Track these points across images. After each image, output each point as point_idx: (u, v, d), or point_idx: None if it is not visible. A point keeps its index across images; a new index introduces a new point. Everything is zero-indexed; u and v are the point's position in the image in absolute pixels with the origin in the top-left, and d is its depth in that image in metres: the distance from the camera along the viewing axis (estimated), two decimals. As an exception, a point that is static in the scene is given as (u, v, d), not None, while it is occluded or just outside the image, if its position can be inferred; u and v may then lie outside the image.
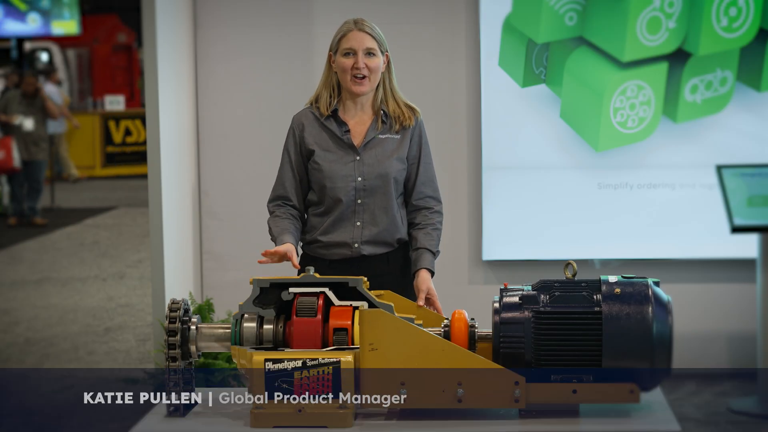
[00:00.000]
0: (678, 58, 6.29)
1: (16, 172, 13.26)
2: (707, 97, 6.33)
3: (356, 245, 3.95)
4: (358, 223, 3.96)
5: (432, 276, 3.93)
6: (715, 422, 5.79)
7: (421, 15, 6.36)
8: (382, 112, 4.01)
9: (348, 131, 3.99)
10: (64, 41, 23.91)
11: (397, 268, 4.01)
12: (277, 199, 4.06)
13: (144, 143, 14.92)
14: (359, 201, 3.96)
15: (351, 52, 3.94)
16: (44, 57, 22.89)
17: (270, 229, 4.00)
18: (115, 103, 19.16)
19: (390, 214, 3.97)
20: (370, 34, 3.96)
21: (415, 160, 4.04)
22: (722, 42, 6.26)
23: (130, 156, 18.92)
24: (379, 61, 3.96)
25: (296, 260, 3.80)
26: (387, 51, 4.00)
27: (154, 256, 5.84)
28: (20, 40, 22.20)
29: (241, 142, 6.52)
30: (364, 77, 3.93)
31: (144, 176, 7.20)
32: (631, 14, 6.20)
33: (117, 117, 18.97)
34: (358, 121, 4.02)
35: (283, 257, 3.76)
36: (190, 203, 6.40)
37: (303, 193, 4.05)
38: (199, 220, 6.54)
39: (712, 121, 6.35)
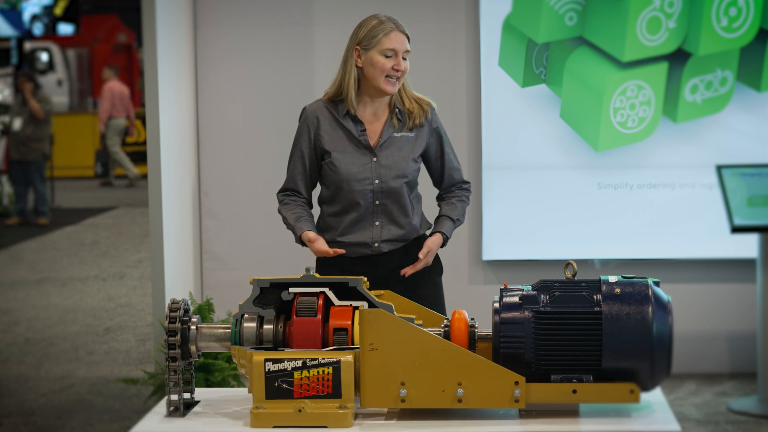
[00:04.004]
0: (678, 58, 6.29)
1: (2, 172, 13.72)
2: (707, 97, 6.33)
3: (376, 245, 3.98)
4: (377, 223, 3.98)
5: (445, 241, 4.02)
6: (715, 422, 5.79)
7: (421, 14, 6.36)
8: (396, 109, 4.01)
9: (364, 131, 3.99)
10: (64, 41, 23.92)
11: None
12: (287, 190, 4.12)
13: (144, 143, 14.91)
14: (377, 202, 3.97)
15: (392, 54, 3.93)
16: (44, 57, 22.91)
17: (283, 217, 4.07)
18: (116, 103, 19.14)
19: (407, 213, 4.00)
20: (407, 36, 3.98)
21: (438, 154, 4.08)
22: (722, 42, 6.27)
23: (130, 156, 18.91)
24: (408, 63, 3.97)
25: (322, 244, 3.92)
26: None
27: (154, 256, 5.84)
28: (20, 39, 22.21)
29: (241, 142, 6.52)
30: (397, 79, 3.94)
31: (144, 176, 7.20)
32: (631, 14, 6.21)
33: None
34: (374, 120, 4.02)
35: (323, 252, 3.90)
36: (190, 203, 6.40)
37: (312, 185, 4.11)
38: (199, 220, 6.54)
39: (712, 121, 6.36)
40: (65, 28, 27.16)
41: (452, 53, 6.40)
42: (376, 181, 3.97)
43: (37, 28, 26.97)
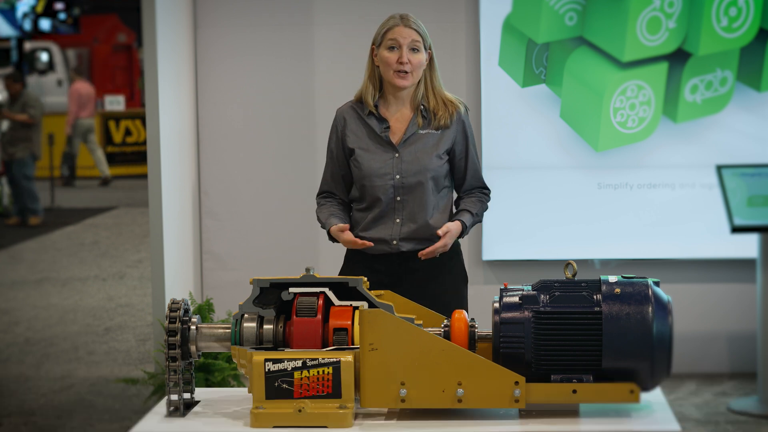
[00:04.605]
0: (678, 58, 6.29)
1: None
2: (707, 97, 6.33)
3: (395, 242, 3.99)
4: (398, 220, 3.99)
5: (463, 232, 4.00)
6: (715, 422, 5.79)
7: (421, 14, 6.30)
8: (422, 107, 4.01)
9: (388, 128, 4.01)
10: (64, 41, 23.91)
11: (438, 263, 4.03)
12: (323, 193, 4.15)
13: (144, 143, 14.88)
14: (398, 198, 3.98)
15: (395, 46, 3.95)
16: (44, 57, 22.90)
17: (318, 218, 4.09)
18: (115, 103, 19.16)
19: (429, 212, 3.99)
20: (415, 30, 3.98)
21: (463, 155, 4.08)
22: (722, 42, 6.27)
23: (130, 156, 18.90)
24: (422, 57, 3.98)
25: (350, 235, 3.94)
26: (431, 47, 4.01)
27: (154, 256, 5.84)
28: (20, 40, 22.21)
29: (241, 142, 6.52)
30: (407, 72, 3.94)
31: (144, 176, 7.20)
32: (631, 14, 6.21)
33: (117, 117, 18.97)
34: (399, 118, 4.03)
35: (350, 243, 3.94)
36: (190, 203, 6.40)
37: (346, 186, 4.12)
38: (199, 220, 6.54)
39: (712, 121, 6.35)
40: (44, 24, 27.74)
41: (452, 53, 6.40)
42: (397, 176, 3.98)
43: (27, 24, 27.40)
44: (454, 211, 4.12)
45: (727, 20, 6.25)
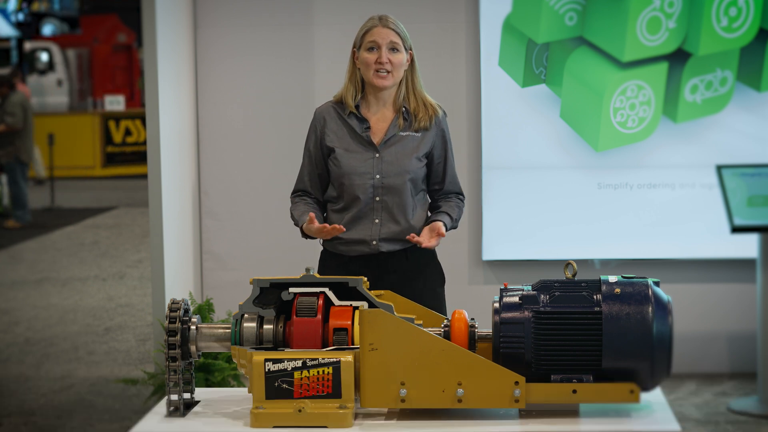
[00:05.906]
0: (678, 58, 6.29)
1: None
2: (707, 97, 6.33)
3: (374, 242, 3.98)
4: (377, 221, 3.98)
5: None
6: (715, 422, 5.79)
7: (421, 14, 6.36)
8: (403, 109, 4.02)
9: (368, 128, 4.00)
10: (64, 41, 23.91)
11: (416, 264, 4.02)
12: (297, 192, 4.13)
13: (144, 143, 14.87)
14: (377, 198, 3.98)
15: (374, 47, 3.96)
16: (44, 57, 22.92)
17: (291, 215, 4.07)
18: (115, 103, 19.16)
19: (408, 212, 3.98)
20: (394, 30, 3.99)
21: (441, 159, 4.07)
22: (722, 42, 6.27)
23: (130, 156, 18.91)
24: (402, 57, 3.98)
25: (317, 223, 3.89)
26: (411, 48, 4.02)
27: (154, 256, 5.84)
28: (20, 40, 22.23)
29: (241, 142, 6.52)
30: (387, 72, 3.94)
31: (144, 176, 7.19)
32: (631, 14, 6.21)
33: (117, 117, 18.97)
34: (380, 118, 4.03)
35: (321, 230, 3.87)
36: (190, 203, 6.40)
37: (322, 186, 4.10)
38: (199, 220, 6.54)
39: (712, 121, 6.36)
40: (19, 17, 28.82)
41: (452, 53, 6.40)
42: (377, 176, 3.98)
43: (13, 18, 28.21)
44: (429, 214, 4.11)
45: (727, 20, 6.25)
